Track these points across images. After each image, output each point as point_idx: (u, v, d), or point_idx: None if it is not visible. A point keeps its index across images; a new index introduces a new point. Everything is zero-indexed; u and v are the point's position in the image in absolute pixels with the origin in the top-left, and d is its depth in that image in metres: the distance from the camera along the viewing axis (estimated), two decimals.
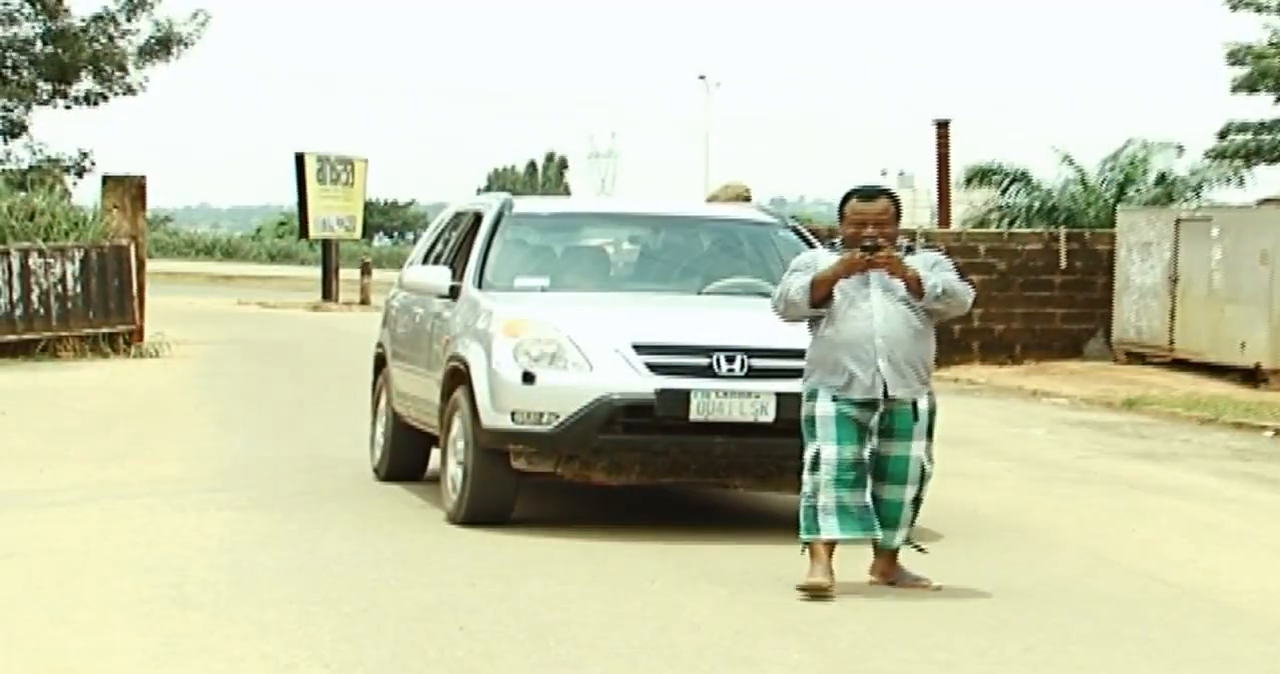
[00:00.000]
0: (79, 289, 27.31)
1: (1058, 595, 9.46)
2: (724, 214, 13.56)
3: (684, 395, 10.69)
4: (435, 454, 12.54)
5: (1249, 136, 38.82)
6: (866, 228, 9.30)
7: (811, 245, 11.47)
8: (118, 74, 37.67)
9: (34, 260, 27.12)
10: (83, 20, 37.40)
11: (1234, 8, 36.76)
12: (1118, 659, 8.07)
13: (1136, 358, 29.04)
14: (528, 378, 10.85)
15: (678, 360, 10.83)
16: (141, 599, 8.88)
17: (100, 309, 27.45)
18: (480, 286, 12.04)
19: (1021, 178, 38.57)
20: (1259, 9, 36.65)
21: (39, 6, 37.15)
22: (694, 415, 10.68)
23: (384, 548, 10.58)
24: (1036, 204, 37.93)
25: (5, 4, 37.11)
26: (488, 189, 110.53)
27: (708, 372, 10.76)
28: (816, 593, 9.00)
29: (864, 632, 8.43)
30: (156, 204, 65.14)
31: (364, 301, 47.60)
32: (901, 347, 9.23)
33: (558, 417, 10.78)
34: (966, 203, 38.52)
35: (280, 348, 29.76)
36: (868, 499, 9.17)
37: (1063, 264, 30.37)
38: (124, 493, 12.66)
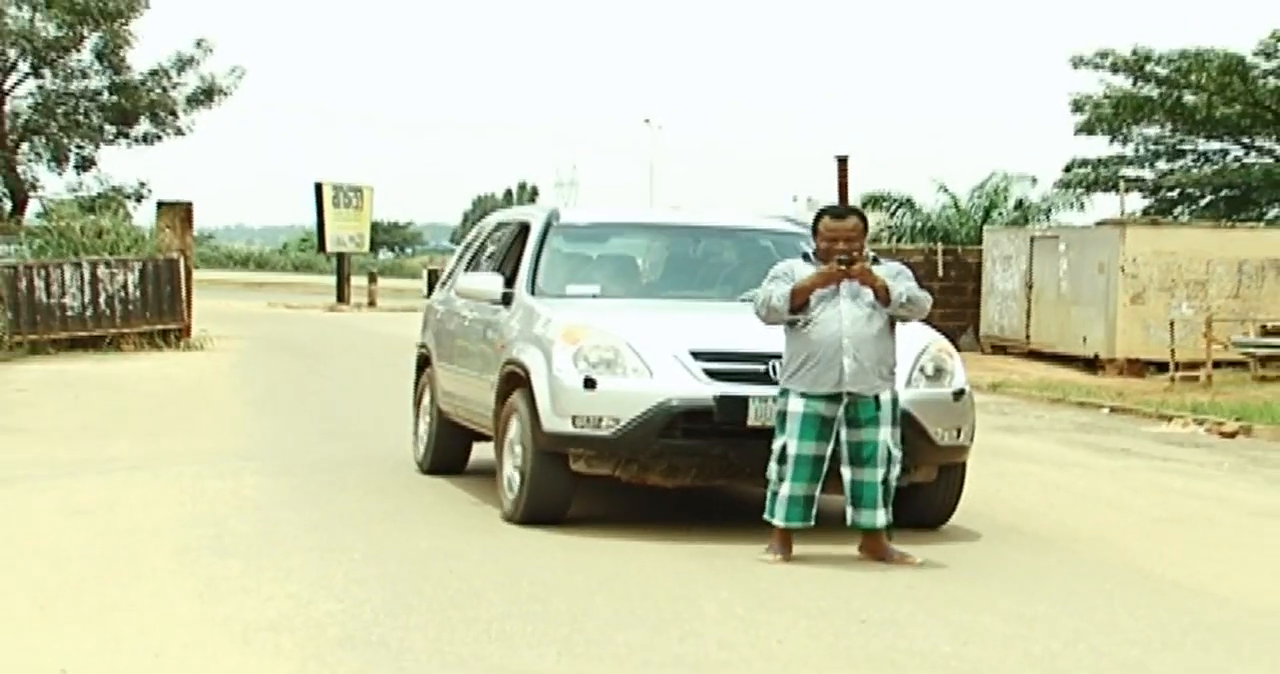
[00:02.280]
0: (138, 294, 27.22)
1: (937, 544, 9.43)
2: (755, 224, 11.83)
3: (743, 402, 9.22)
4: (475, 447, 11.97)
5: (1089, 170, 39.10)
6: (839, 243, 8.73)
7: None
8: (170, 118, 37.68)
9: (102, 270, 27.04)
10: (142, 75, 37.44)
11: (1075, 66, 37.04)
12: (984, 593, 8.08)
13: (999, 349, 29.17)
14: (589, 383, 9.37)
15: (735, 367, 9.37)
16: (187, 548, 8.82)
17: (155, 310, 27.37)
18: (534, 293, 10.64)
19: (907, 203, 38.81)
20: (1096, 67, 36.95)
21: (106, 64, 37.14)
22: (752, 421, 9.23)
23: (387, 506, 10.52)
24: (919, 224, 38.16)
25: (79, 61, 37.09)
26: (473, 212, 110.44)
27: (764, 378, 9.24)
28: (775, 562, 8.67)
29: (783, 575, 8.41)
30: (201, 224, 64.92)
31: (371, 304, 47.56)
32: (865, 347, 8.63)
33: (618, 421, 9.32)
34: None
35: (302, 342, 29.68)
36: (816, 491, 8.71)
37: (940, 273, 30.51)
38: (173, 461, 12.59)
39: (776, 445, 8.69)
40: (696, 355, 9.41)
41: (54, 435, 14.60)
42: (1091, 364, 26.18)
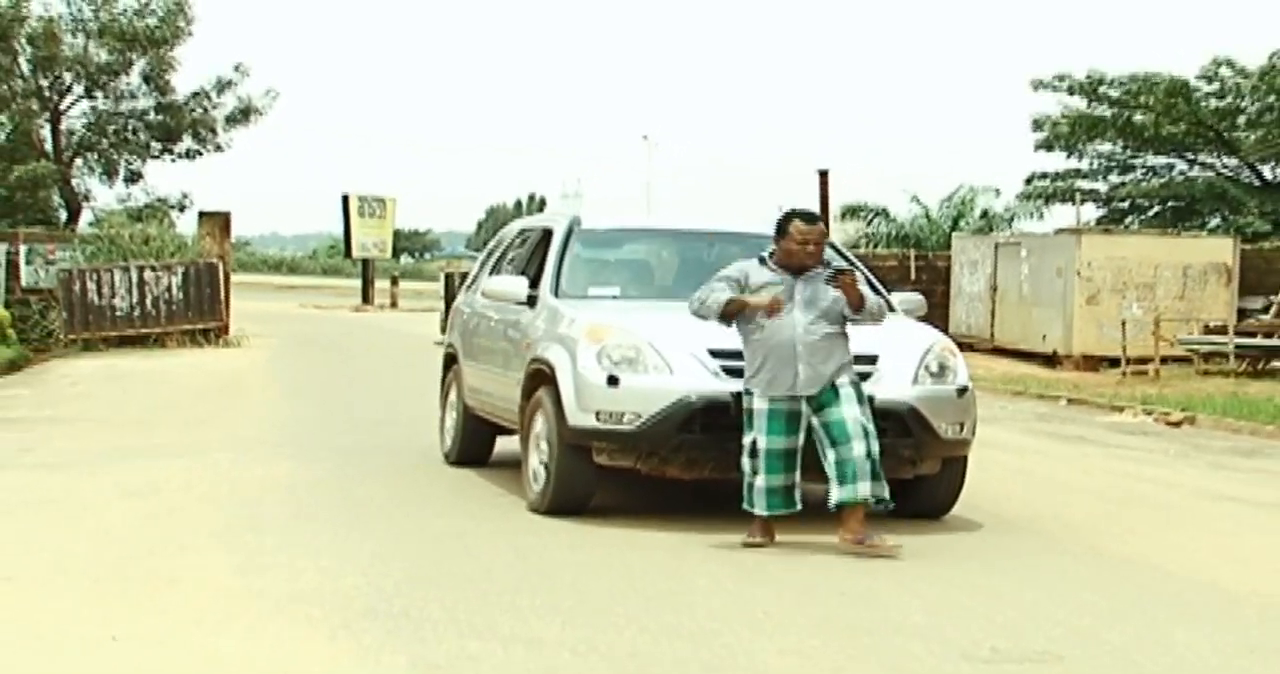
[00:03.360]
0: (181, 295, 27.24)
1: (911, 526, 9.43)
2: (763, 231, 11.12)
3: None
4: (500, 440, 11.71)
5: (1048, 183, 39.12)
6: (809, 245, 8.52)
7: (843, 256, 10.26)
8: (210, 136, 37.71)
9: (148, 274, 27.07)
10: (185, 96, 37.48)
11: (1036, 88, 37.12)
12: (954, 569, 8.08)
13: (967, 347, 28.98)
14: (612, 381, 9.01)
15: None
16: (227, 527, 8.82)
17: (197, 310, 27.38)
18: (557, 295, 10.23)
19: (882, 213, 38.90)
20: (1054, 89, 37.02)
21: (153, 86, 37.21)
22: None
23: (407, 490, 10.53)
24: (893, 232, 38.23)
25: (128, 84, 37.20)
26: (487, 221, 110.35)
27: None
28: (756, 546, 8.43)
29: (770, 555, 8.40)
30: (238, 232, 64.95)
31: (393, 305, 47.57)
32: (818, 352, 8.37)
33: (640, 416, 8.95)
34: (842, 232, 38.65)
35: (330, 339, 29.68)
36: (795, 479, 8.41)
37: (913, 277, 30.53)
38: (212, 448, 12.59)
39: (746, 441, 8.43)
40: (714, 354, 9.05)
41: (105, 425, 14.60)
42: (1050, 360, 26.18)
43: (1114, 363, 24.84)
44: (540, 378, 9.66)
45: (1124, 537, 9.48)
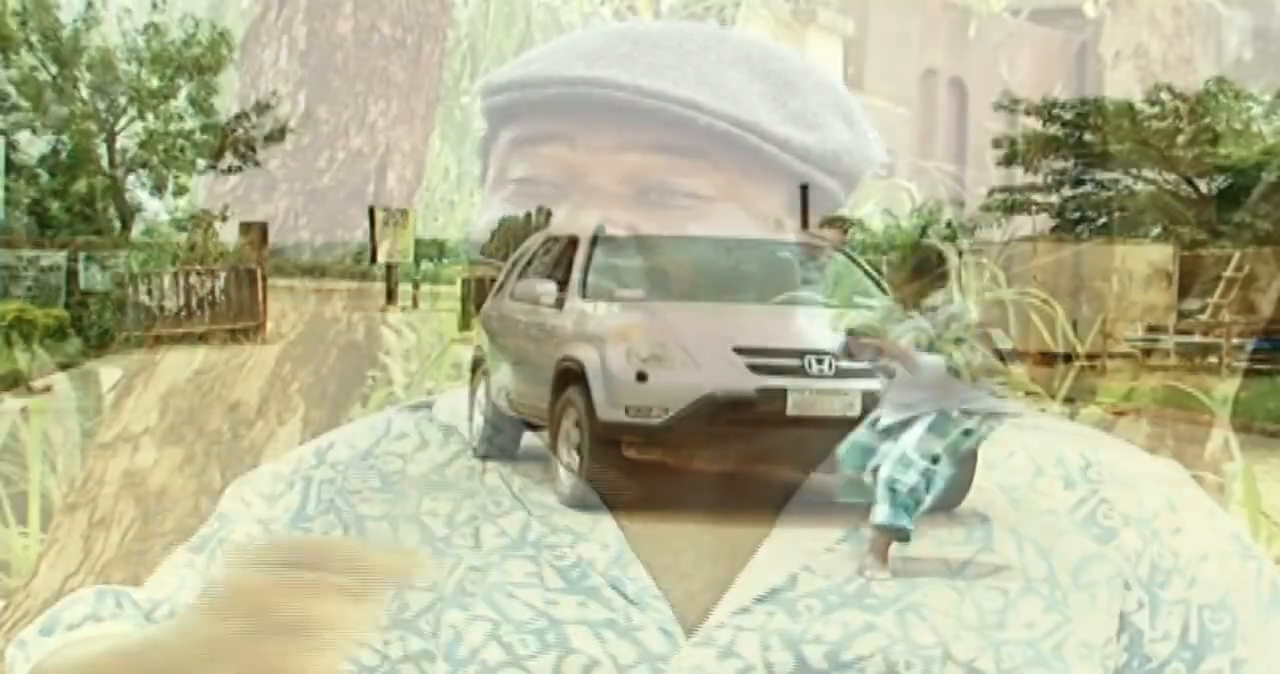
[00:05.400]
0: (223, 297, 27.21)
1: None
2: (775, 236, 11.26)
3: (781, 393, 8.76)
4: (527, 436, 11.61)
5: (1007, 196, 39.10)
6: None
7: (857, 264, 10.05)
8: (250, 153, 37.69)
9: (194, 278, 26.98)
10: (227, 118, 37.47)
11: (996, 109, 37.13)
12: (926, 547, 8.08)
13: None
14: (640, 377, 9.15)
15: (774, 361, 8.91)
16: None
17: (237, 311, 27.37)
18: (585, 296, 10.39)
19: (858, 223, 38.93)
20: (1012, 111, 37.04)
21: (198, 109, 37.13)
22: (790, 411, 8.66)
23: None
24: (867, 240, 38.24)
25: (176, 107, 37.16)
26: (498, 230, 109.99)
27: (800, 372, 8.60)
28: None
29: None
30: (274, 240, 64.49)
31: (414, 305, 47.50)
32: None
33: (667, 411, 9.13)
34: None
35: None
36: None
37: None
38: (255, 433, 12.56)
39: None
40: (739, 351, 8.66)
41: None
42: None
43: (1067, 359, 24.84)
44: (569, 375, 9.21)
45: None
